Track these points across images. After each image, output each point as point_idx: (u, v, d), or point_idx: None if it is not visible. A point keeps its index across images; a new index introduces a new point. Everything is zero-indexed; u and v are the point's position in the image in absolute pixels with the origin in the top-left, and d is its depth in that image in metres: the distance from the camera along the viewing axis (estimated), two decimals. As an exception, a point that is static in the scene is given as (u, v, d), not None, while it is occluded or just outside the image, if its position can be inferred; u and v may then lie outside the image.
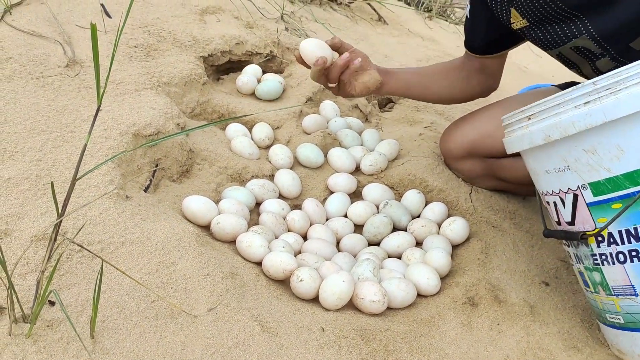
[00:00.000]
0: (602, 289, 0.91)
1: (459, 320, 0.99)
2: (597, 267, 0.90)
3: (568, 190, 0.89)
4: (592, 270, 0.91)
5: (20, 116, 1.04)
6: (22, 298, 0.76)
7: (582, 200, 0.87)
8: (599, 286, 0.91)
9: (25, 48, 1.18)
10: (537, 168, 0.94)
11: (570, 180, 0.87)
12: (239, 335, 0.83)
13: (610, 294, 0.90)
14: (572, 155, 0.85)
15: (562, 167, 0.88)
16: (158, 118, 1.15)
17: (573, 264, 0.97)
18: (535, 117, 0.88)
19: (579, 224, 0.90)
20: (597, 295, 0.93)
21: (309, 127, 1.40)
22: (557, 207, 0.93)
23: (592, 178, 0.84)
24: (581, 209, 0.88)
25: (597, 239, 0.88)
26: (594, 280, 0.92)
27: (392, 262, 1.12)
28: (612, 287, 0.89)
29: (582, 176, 0.85)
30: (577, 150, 0.84)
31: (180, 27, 1.47)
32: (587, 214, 0.87)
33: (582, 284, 0.97)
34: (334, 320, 0.93)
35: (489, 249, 1.14)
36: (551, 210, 0.95)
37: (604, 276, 0.89)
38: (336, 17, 2.02)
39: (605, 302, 0.91)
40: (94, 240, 0.88)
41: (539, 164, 0.92)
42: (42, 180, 0.94)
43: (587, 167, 0.84)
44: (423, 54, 1.98)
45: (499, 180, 1.31)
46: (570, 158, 0.86)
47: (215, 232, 1.05)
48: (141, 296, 0.83)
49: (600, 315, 0.95)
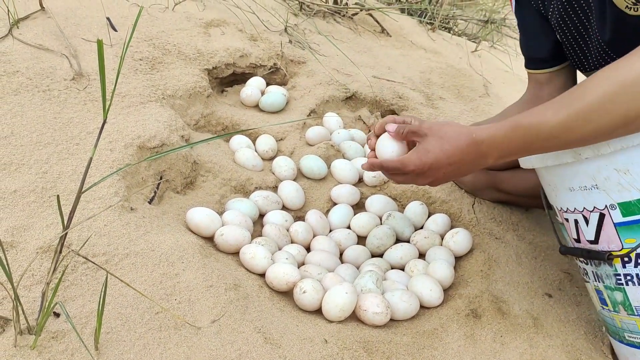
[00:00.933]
0: (623, 309, 0.90)
1: (462, 332, 0.99)
2: (620, 287, 0.88)
3: (594, 209, 0.87)
4: (613, 289, 0.90)
5: (27, 129, 1.05)
6: (27, 310, 0.77)
7: (609, 219, 0.85)
8: (620, 305, 0.90)
9: (32, 61, 1.20)
10: (558, 184, 0.91)
11: (597, 199, 0.85)
12: (242, 347, 0.84)
13: (632, 314, 0.88)
14: (602, 174, 0.83)
15: (590, 186, 0.85)
16: (163, 130, 1.16)
17: (588, 281, 0.96)
18: None
19: (603, 243, 0.88)
20: (617, 314, 0.91)
21: (313, 138, 1.41)
22: (579, 225, 0.91)
23: (623, 198, 0.83)
24: (607, 229, 0.86)
25: (623, 259, 0.86)
26: (615, 299, 0.90)
27: (395, 274, 1.12)
28: (635, 307, 0.88)
29: (611, 196, 0.83)
30: (607, 170, 0.82)
31: (185, 40, 1.49)
32: (614, 233, 0.86)
33: (597, 302, 0.96)
34: (337, 332, 0.93)
35: (491, 261, 1.14)
36: (570, 227, 0.94)
37: (627, 296, 0.88)
38: (339, 29, 2.04)
39: (626, 321, 0.90)
40: (98, 252, 0.88)
41: (562, 180, 0.90)
42: (47, 193, 0.95)
43: (618, 187, 0.82)
44: (426, 65, 1.99)
45: (501, 192, 1.31)
46: (600, 177, 0.83)
47: (218, 244, 1.05)
48: (145, 308, 0.83)
49: (617, 333, 0.94)
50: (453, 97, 1.83)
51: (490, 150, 0.84)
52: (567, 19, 1.00)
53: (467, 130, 0.85)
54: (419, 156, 0.89)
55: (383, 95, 1.66)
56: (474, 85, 1.94)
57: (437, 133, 0.88)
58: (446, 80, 1.93)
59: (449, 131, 0.87)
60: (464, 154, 0.85)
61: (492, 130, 0.83)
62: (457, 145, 0.85)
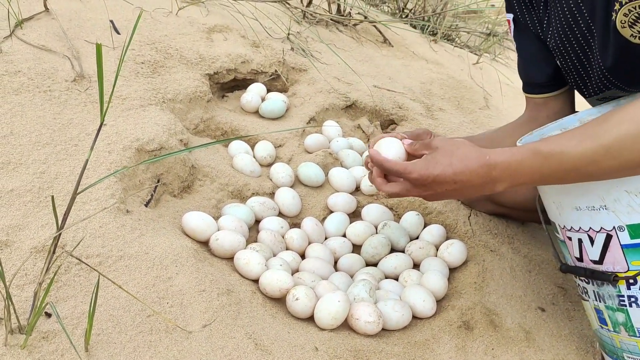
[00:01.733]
0: (624, 329, 0.89)
1: (454, 343, 0.99)
2: (623, 309, 0.88)
3: (601, 229, 0.86)
4: (615, 310, 0.89)
5: (26, 128, 1.06)
6: (19, 309, 0.77)
7: (616, 241, 0.85)
8: (621, 326, 0.89)
9: (34, 62, 1.21)
10: (564, 203, 0.90)
11: (605, 220, 0.84)
12: (232, 352, 0.84)
13: (634, 335, 0.88)
14: (611, 195, 0.82)
15: (598, 206, 0.84)
16: (161, 134, 1.17)
17: (587, 300, 0.95)
18: None
19: (608, 264, 0.87)
20: (617, 334, 0.91)
21: (311, 146, 1.42)
22: (583, 244, 0.90)
23: (632, 220, 0.82)
24: (614, 250, 0.86)
25: (629, 281, 0.85)
26: (616, 320, 0.90)
27: (388, 283, 1.13)
28: (637, 328, 0.87)
29: (620, 217, 0.83)
30: (618, 191, 0.81)
31: (187, 44, 1.50)
32: (621, 255, 0.85)
33: (596, 321, 0.95)
34: (328, 340, 0.93)
35: (485, 273, 1.14)
36: (572, 245, 0.93)
37: (629, 317, 0.88)
38: (342, 38, 2.05)
39: (626, 342, 0.90)
40: (92, 253, 0.89)
41: (568, 199, 0.88)
42: (44, 193, 0.96)
43: (628, 209, 0.81)
44: (427, 76, 1.99)
45: (497, 204, 1.31)
46: (609, 198, 0.82)
47: (213, 249, 1.06)
48: (137, 310, 0.83)
49: (615, 353, 0.93)
50: (453, 109, 1.84)
51: (503, 176, 0.81)
52: (567, 45, 0.99)
53: (481, 152, 0.82)
54: (426, 165, 0.85)
55: (383, 104, 1.67)
56: (475, 98, 1.94)
57: (449, 147, 0.85)
58: (447, 91, 1.94)
59: (461, 147, 0.84)
60: (473, 174, 0.82)
61: (507, 155, 0.80)
62: (468, 165, 0.82)
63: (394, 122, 1.69)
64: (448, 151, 0.84)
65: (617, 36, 0.85)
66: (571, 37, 0.98)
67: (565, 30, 0.98)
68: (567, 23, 0.96)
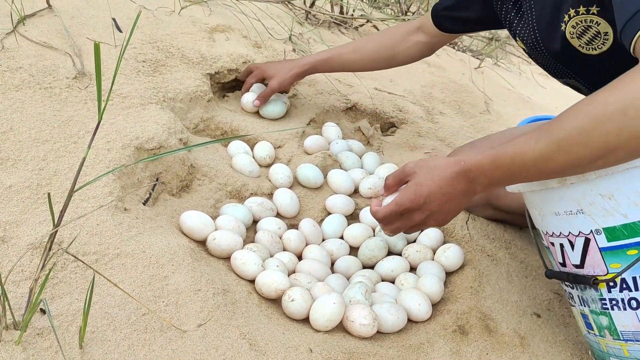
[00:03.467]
0: (608, 333, 0.89)
1: (448, 347, 0.99)
2: (606, 312, 0.88)
3: (579, 233, 0.87)
4: (599, 314, 0.90)
5: (26, 125, 1.06)
6: (14, 305, 0.77)
7: (594, 244, 0.86)
8: (605, 330, 0.90)
9: (35, 58, 1.21)
10: (544, 209, 0.91)
11: (582, 224, 0.85)
12: (227, 352, 0.84)
13: (618, 339, 0.88)
14: (586, 199, 0.83)
15: (575, 211, 0.85)
16: (161, 133, 1.17)
17: (574, 305, 0.96)
18: None
19: (588, 267, 0.88)
20: (602, 338, 0.91)
21: (311, 147, 1.42)
22: (564, 249, 0.91)
23: (607, 223, 0.83)
24: (592, 253, 0.86)
25: (609, 284, 0.86)
26: (600, 324, 0.90)
27: (384, 286, 1.13)
28: (620, 332, 0.87)
29: (596, 220, 0.84)
30: (592, 195, 0.82)
31: (189, 44, 1.50)
32: (599, 258, 0.86)
33: (584, 326, 0.95)
34: (323, 342, 0.93)
35: (482, 278, 1.14)
36: (555, 251, 0.94)
37: (612, 321, 0.88)
38: (344, 40, 2.05)
39: (612, 346, 0.90)
40: (89, 250, 0.89)
41: (547, 205, 0.90)
42: (42, 189, 0.96)
43: (603, 212, 0.82)
44: (428, 79, 2.00)
45: (496, 209, 1.31)
46: (585, 202, 0.83)
47: (210, 248, 1.06)
48: (132, 309, 0.84)
49: (603, 358, 0.93)
50: (453, 113, 1.84)
51: (479, 177, 0.85)
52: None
53: (455, 160, 0.86)
54: (412, 190, 0.89)
55: (383, 107, 1.67)
56: (475, 102, 1.95)
57: (425, 167, 0.88)
58: (447, 95, 1.94)
59: (437, 163, 0.88)
60: (455, 181, 0.86)
61: (479, 157, 0.84)
62: (448, 175, 0.86)
63: (394, 125, 1.69)
64: (426, 169, 0.87)
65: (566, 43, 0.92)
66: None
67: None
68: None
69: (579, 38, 0.89)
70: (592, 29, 0.87)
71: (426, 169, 0.87)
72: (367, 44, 1.42)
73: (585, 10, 0.85)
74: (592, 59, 0.92)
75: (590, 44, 0.89)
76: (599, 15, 0.84)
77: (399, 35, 1.40)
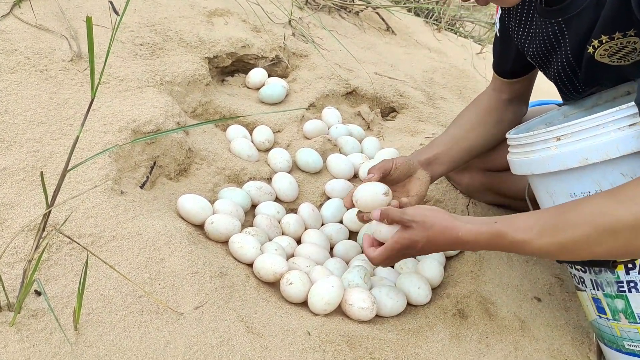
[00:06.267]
0: (624, 317, 0.88)
1: (448, 331, 0.99)
2: (622, 295, 0.87)
3: None
4: (614, 297, 0.88)
5: (21, 107, 1.05)
6: (8, 287, 0.76)
7: None
8: (620, 313, 0.88)
9: (31, 41, 1.20)
10: (558, 190, 0.88)
11: None
12: (224, 334, 0.83)
13: (634, 322, 0.87)
14: (607, 179, 0.81)
15: (594, 191, 0.83)
16: (158, 116, 1.15)
17: (584, 289, 0.94)
18: (567, 138, 0.83)
19: None
20: (616, 322, 0.90)
21: (310, 132, 1.40)
22: None
23: None
24: None
25: (627, 266, 0.84)
26: (615, 307, 0.89)
27: (384, 270, 1.12)
28: (638, 314, 0.86)
29: None
30: (614, 174, 0.80)
31: (187, 27, 1.48)
32: None
33: (594, 310, 0.94)
34: (321, 325, 0.93)
35: (482, 262, 1.14)
36: None
37: (629, 303, 0.87)
38: (344, 25, 2.03)
39: (626, 329, 0.89)
40: (85, 232, 0.88)
41: (562, 186, 0.87)
42: (37, 171, 0.95)
43: None
44: (429, 65, 1.98)
45: (497, 194, 1.30)
46: (605, 182, 0.81)
47: (208, 232, 1.05)
48: (128, 291, 0.83)
49: (615, 342, 0.92)
50: (454, 98, 1.82)
51: (472, 247, 0.88)
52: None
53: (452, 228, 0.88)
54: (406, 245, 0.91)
55: (384, 92, 1.66)
56: (477, 87, 1.93)
57: (422, 225, 0.90)
58: (449, 80, 1.92)
59: (435, 225, 0.89)
60: (448, 245, 0.89)
61: (475, 234, 0.86)
62: (443, 240, 0.89)
63: (395, 110, 1.68)
64: (422, 229, 0.90)
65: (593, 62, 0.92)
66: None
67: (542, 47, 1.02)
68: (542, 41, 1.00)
69: (611, 56, 0.90)
70: (628, 47, 0.87)
71: (423, 227, 0.89)
72: (478, 145, 1.23)
73: (622, 35, 0.85)
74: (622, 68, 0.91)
75: (623, 59, 0.89)
76: (636, 35, 0.84)
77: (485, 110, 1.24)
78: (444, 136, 1.21)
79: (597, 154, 0.80)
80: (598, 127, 0.80)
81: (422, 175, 1.12)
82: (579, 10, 0.90)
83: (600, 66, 0.93)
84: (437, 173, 1.15)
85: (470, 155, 1.20)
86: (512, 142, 0.95)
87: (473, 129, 1.20)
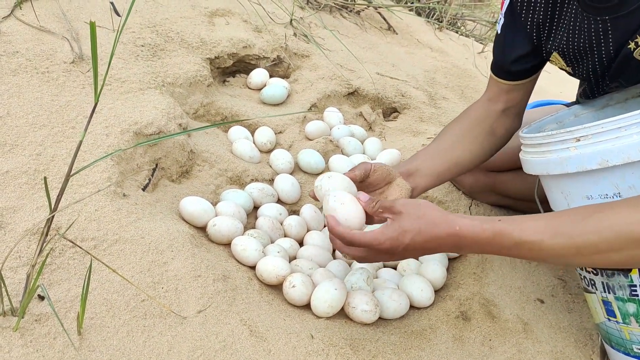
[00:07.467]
0: (634, 320, 0.87)
1: (451, 334, 0.99)
2: (634, 299, 0.86)
3: None
4: (626, 301, 0.88)
5: (23, 110, 1.05)
6: (12, 291, 0.76)
7: None
8: (631, 317, 0.88)
9: (32, 43, 1.19)
10: (574, 192, 0.86)
11: None
12: (227, 338, 0.83)
13: None
14: (626, 182, 0.79)
15: (612, 194, 0.81)
16: (160, 118, 1.15)
17: (594, 292, 0.93)
18: (587, 140, 0.81)
19: None
20: (626, 326, 0.89)
21: (312, 133, 1.40)
22: None
23: None
24: None
25: None
26: (626, 311, 0.88)
27: (386, 272, 1.12)
28: None
29: None
30: (633, 177, 0.78)
31: (188, 28, 1.48)
32: None
33: (603, 313, 0.93)
34: (324, 328, 0.93)
35: (485, 264, 1.13)
36: None
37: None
38: (345, 24, 2.02)
39: (636, 333, 0.88)
40: (87, 236, 0.88)
41: (579, 188, 0.85)
42: (40, 175, 0.95)
43: None
44: (431, 64, 1.97)
45: (499, 195, 1.30)
46: (624, 185, 0.79)
47: (211, 234, 1.05)
48: (131, 295, 0.83)
49: (624, 345, 0.91)
50: (456, 98, 1.82)
51: (471, 247, 0.81)
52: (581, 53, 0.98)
53: (448, 220, 0.81)
54: (396, 236, 0.82)
55: (385, 92, 1.65)
56: (479, 87, 1.92)
57: (414, 212, 0.82)
58: (450, 80, 1.92)
59: (427, 214, 0.82)
60: (442, 242, 0.81)
61: (476, 230, 0.79)
62: (436, 233, 0.81)
63: (397, 110, 1.68)
64: (414, 217, 0.82)
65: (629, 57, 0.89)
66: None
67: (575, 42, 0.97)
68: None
69: None
70: None
71: (415, 216, 0.81)
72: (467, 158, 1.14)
73: None
74: None
75: None
76: None
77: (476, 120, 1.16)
78: (427, 148, 1.13)
79: (618, 157, 0.78)
80: (620, 129, 0.78)
81: (402, 183, 1.04)
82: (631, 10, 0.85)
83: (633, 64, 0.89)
84: (420, 185, 1.06)
85: (459, 168, 1.12)
86: (527, 142, 0.92)
87: (459, 142, 1.12)
